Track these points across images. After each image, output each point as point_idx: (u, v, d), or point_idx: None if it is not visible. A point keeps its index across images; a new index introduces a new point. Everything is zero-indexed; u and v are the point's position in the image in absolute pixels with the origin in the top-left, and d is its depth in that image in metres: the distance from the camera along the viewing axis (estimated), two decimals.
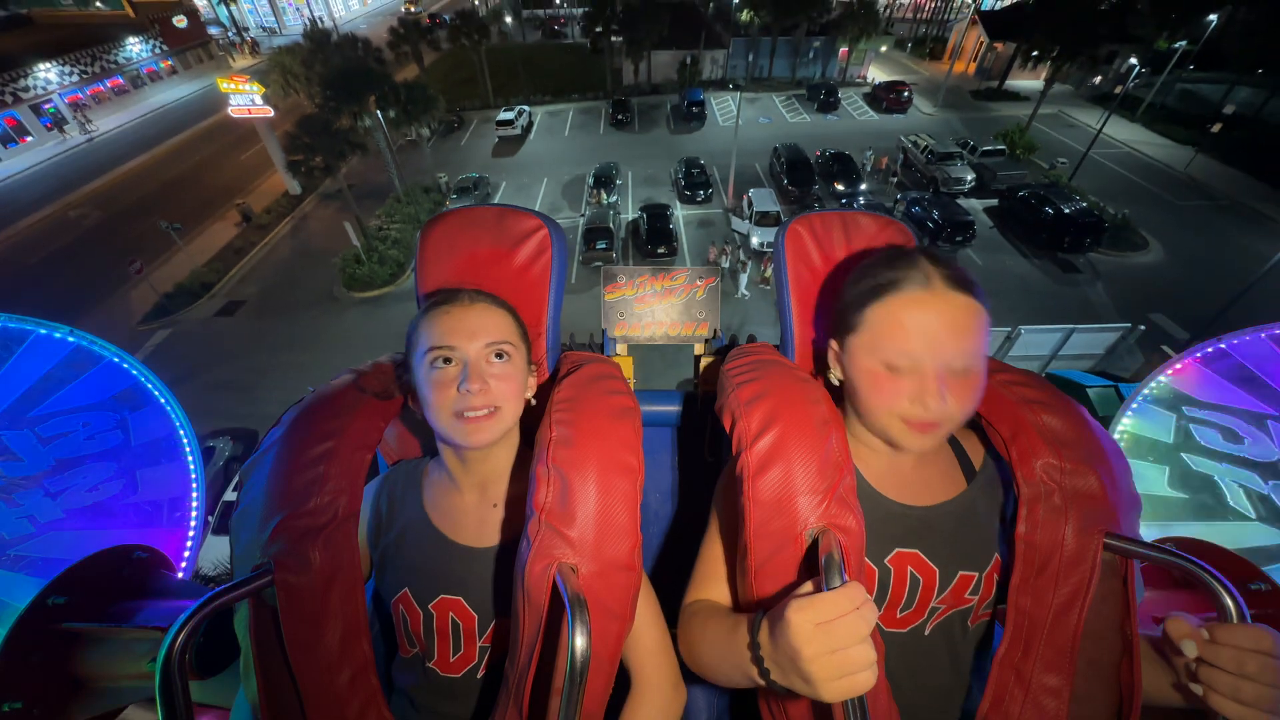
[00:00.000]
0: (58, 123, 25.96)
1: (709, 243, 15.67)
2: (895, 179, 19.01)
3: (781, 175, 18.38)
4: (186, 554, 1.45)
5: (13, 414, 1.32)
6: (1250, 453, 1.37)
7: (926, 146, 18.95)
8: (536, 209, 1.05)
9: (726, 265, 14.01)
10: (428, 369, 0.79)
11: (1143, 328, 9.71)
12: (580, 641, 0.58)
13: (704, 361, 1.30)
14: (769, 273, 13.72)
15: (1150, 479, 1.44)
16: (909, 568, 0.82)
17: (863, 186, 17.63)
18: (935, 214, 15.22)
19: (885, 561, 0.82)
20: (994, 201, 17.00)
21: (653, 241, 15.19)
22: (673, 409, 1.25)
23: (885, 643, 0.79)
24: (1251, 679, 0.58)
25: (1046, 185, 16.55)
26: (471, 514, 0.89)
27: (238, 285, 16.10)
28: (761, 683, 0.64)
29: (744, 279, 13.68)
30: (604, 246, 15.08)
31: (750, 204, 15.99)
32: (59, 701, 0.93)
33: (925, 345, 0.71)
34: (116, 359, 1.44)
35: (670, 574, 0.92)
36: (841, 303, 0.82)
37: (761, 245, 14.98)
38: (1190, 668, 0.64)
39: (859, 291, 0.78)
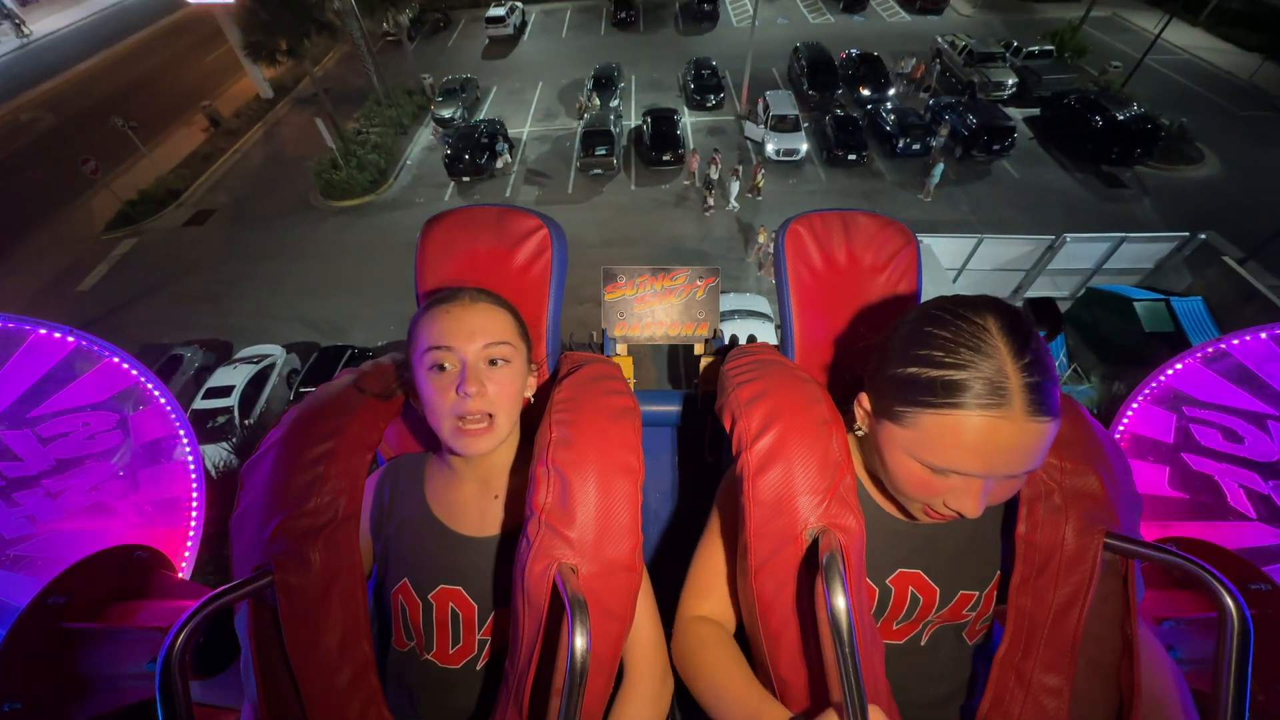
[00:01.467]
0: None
1: (693, 150, 14.06)
2: (929, 91, 17.00)
3: (801, 78, 16.64)
4: (186, 554, 1.45)
5: (13, 414, 1.32)
6: (1250, 453, 1.37)
7: (965, 46, 16.98)
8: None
9: (716, 175, 12.88)
10: (426, 370, 0.79)
11: (1203, 236, 8.82)
12: (580, 642, 0.58)
13: (704, 361, 1.30)
14: (760, 180, 12.82)
15: (1150, 479, 1.44)
16: (910, 588, 0.82)
17: (890, 92, 16.09)
18: (971, 119, 13.73)
19: (886, 581, 0.82)
20: (1036, 111, 15.40)
21: (658, 148, 13.87)
22: (673, 409, 1.25)
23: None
24: None
25: (1097, 91, 14.94)
26: (472, 505, 0.89)
27: (207, 193, 15.19)
28: None
29: (735, 189, 12.65)
30: (604, 152, 13.67)
31: (766, 108, 14.47)
32: (59, 701, 0.93)
33: (985, 466, 0.62)
34: (117, 359, 1.43)
35: (670, 573, 0.92)
36: (887, 367, 0.69)
37: (777, 153, 13.81)
38: None
39: (916, 378, 0.64)
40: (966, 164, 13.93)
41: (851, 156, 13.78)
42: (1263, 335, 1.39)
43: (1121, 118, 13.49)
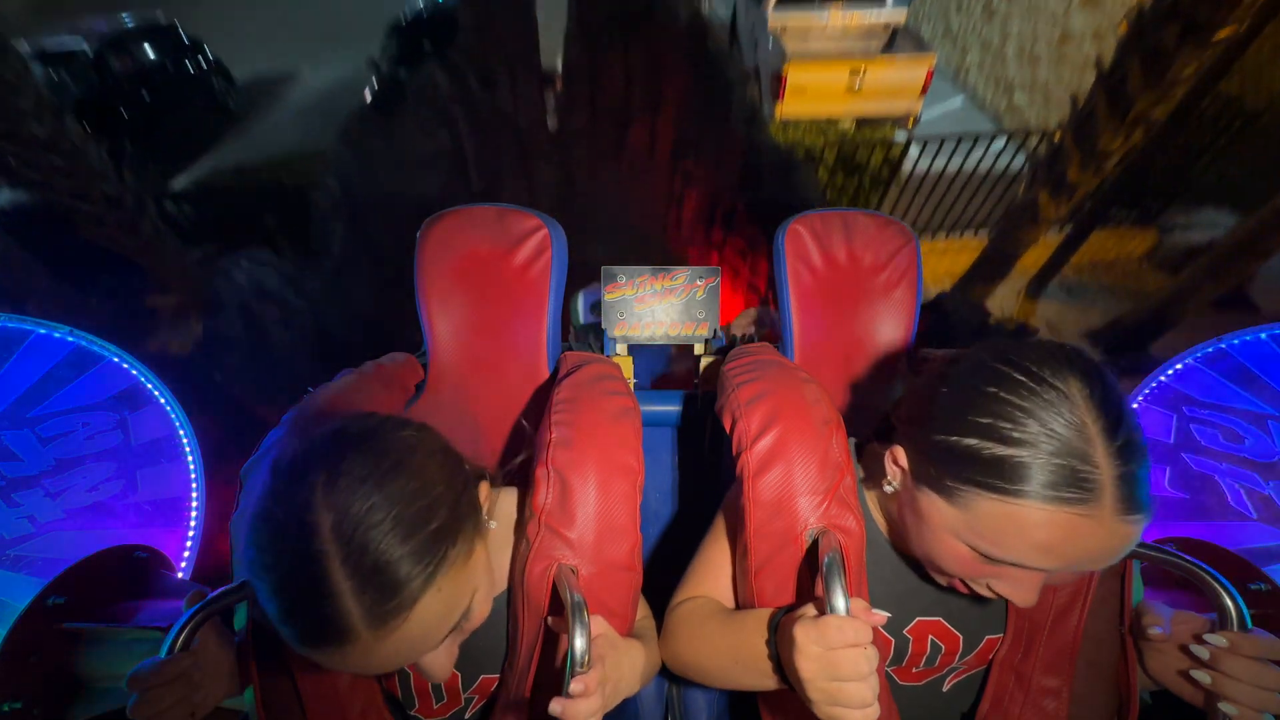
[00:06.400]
0: None
1: None
2: None
3: None
4: (186, 554, 1.45)
5: (13, 414, 1.33)
6: (1250, 453, 1.37)
7: None
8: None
9: None
10: None
11: None
12: (580, 642, 0.58)
13: (704, 361, 1.30)
14: None
15: (1150, 479, 1.44)
16: (930, 636, 0.78)
17: None
18: None
19: (904, 632, 0.78)
20: None
21: None
22: (673, 409, 1.25)
23: (899, 693, 0.78)
24: (1250, 684, 0.58)
25: None
26: None
27: None
28: (773, 681, 0.64)
29: None
30: None
31: None
32: (59, 701, 0.93)
33: (1056, 564, 0.51)
34: (116, 359, 1.44)
35: (670, 574, 0.92)
36: (935, 427, 0.57)
37: None
38: (1199, 676, 0.63)
39: (975, 452, 0.52)
40: None
41: None
42: (1263, 335, 1.39)
43: None
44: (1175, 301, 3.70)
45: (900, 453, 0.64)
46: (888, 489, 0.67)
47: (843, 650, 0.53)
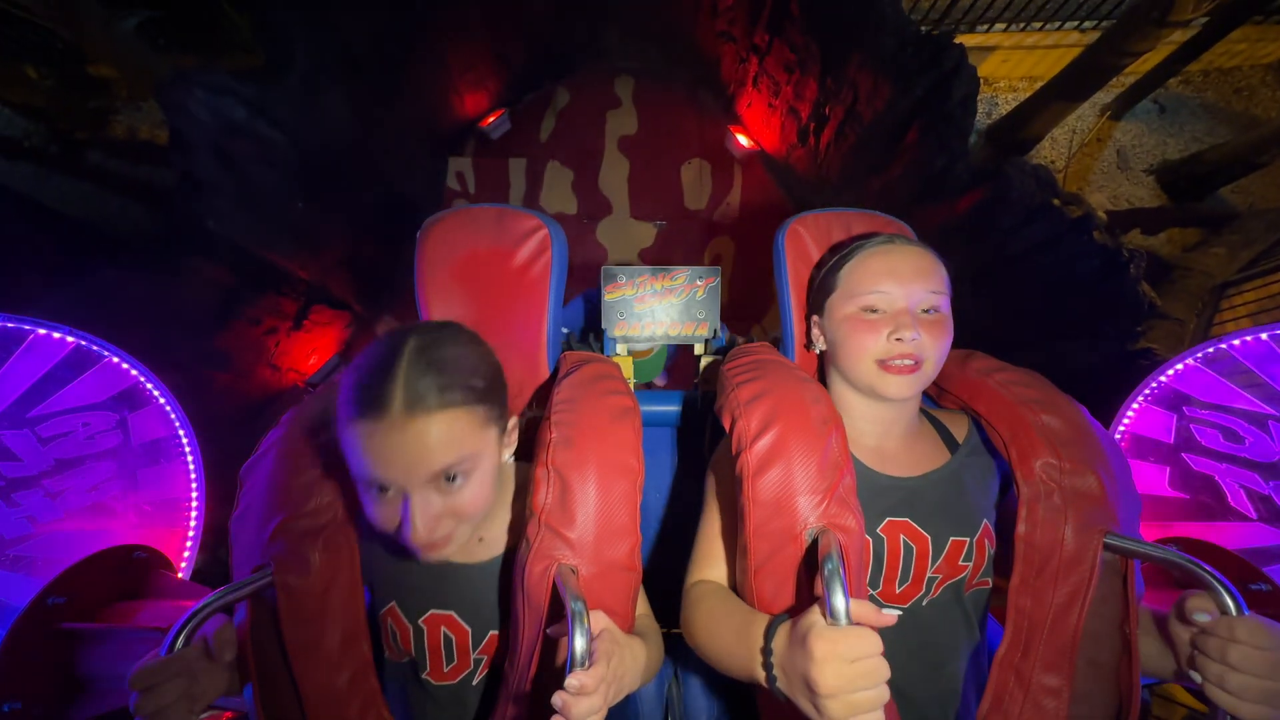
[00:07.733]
0: None
1: None
2: None
3: None
4: (186, 554, 1.45)
5: (12, 414, 1.33)
6: (1250, 453, 1.37)
7: None
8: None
9: None
10: (363, 485, 0.67)
11: None
12: (580, 642, 0.58)
13: (704, 361, 1.30)
14: None
15: (1150, 479, 1.45)
16: (900, 535, 0.83)
17: None
18: None
19: (877, 531, 0.83)
20: None
21: None
22: (673, 409, 1.25)
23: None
24: (1235, 668, 0.60)
25: None
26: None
27: None
28: (765, 687, 0.64)
29: None
30: None
31: None
32: (59, 701, 0.93)
33: (895, 282, 0.82)
34: (116, 359, 1.44)
35: (670, 574, 0.92)
36: (816, 282, 0.95)
37: None
38: (1190, 655, 0.66)
39: (833, 263, 0.92)
40: None
41: None
42: (1263, 336, 1.39)
43: None
44: (1276, 140, 2.99)
45: (815, 317, 0.95)
46: (819, 349, 0.94)
47: (866, 660, 0.54)
